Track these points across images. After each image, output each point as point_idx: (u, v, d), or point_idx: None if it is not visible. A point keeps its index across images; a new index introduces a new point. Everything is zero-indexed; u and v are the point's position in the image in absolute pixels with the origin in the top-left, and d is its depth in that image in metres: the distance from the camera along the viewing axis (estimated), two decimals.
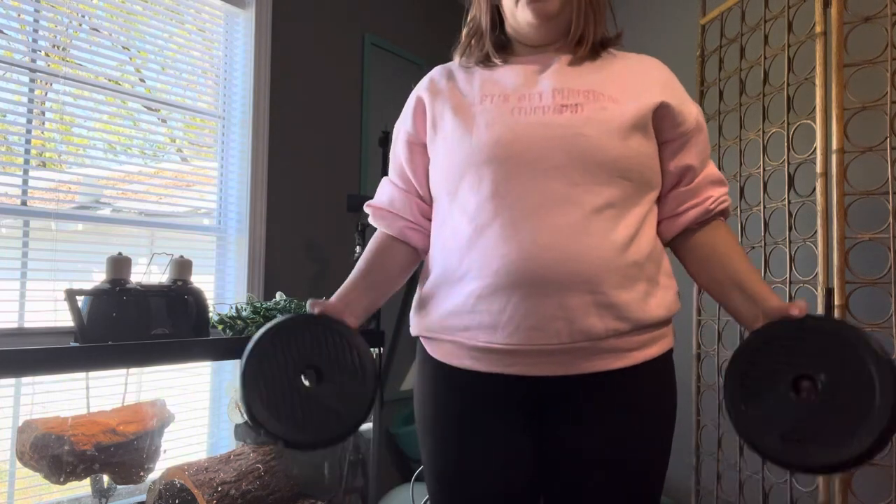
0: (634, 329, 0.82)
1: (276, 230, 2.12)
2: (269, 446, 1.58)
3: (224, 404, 1.85)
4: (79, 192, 1.78)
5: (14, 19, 1.63)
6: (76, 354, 1.14)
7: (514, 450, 0.88)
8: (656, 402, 0.87)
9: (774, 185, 1.78)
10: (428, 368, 0.93)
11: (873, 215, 1.56)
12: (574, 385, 0.84)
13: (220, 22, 2.08)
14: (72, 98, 1.72)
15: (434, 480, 0.92)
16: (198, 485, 1.38)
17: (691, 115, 0.89)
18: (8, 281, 1.58)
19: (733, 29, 1.95)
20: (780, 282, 1.70)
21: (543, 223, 0.80)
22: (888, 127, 1.48)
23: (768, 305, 0.83)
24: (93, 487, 1.39)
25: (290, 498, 1.54)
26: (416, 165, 0.96)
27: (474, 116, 0.87)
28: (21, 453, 1.25)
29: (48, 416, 1.30)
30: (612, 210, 0.82)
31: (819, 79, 1.56)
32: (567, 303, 0.79)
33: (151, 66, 1.91)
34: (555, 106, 0.84)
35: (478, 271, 0.82)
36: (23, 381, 1.54)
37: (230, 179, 2.08)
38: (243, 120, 2.08)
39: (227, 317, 1.51)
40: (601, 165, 0.81)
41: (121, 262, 1.30)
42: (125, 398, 1.46)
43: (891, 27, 1.49)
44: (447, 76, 0.96)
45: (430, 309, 0.91)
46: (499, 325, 0.81)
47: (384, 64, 2.58)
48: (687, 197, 0.91)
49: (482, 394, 0.87)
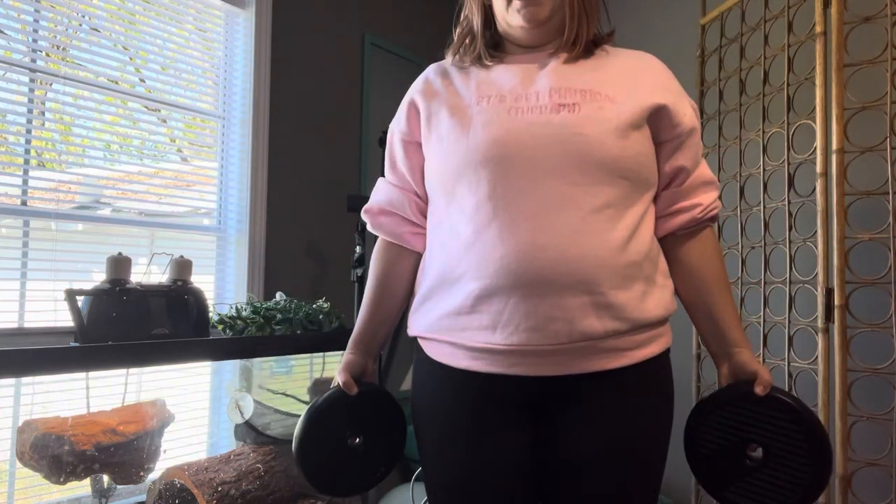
0: (633, 329, 0.82)
1: (276, 230, 2.12)
2: (268, 446, 1.58)
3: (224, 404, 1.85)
4: (79, 192, 1.78)
5: (14, 19, 1.63)
6: (76, 354, 1.14)
7: (513, 449, 0.88)
8: (655, 399, 0.88)
9: (774, 185, 1.78)
10: (426, 369, 0.93)
11: (873, 215, 1.56)
12: (573, 384, 0.84)
13: (220, 22, 2.08)
14: (72, 98, 1.72)
15: (432, 481, 0.92)
16: (198, 485, 1.38)
17: (687, 117, 0.90)
18: (8, 281, 1.58)
19: (733, 29, 1.95)
20: (780, 282, 1.70)
21: (541, 224, 0.80)
22: (888, 127, 1.48)
23: (737, 358, 0.89)
24: (93, 487, 1.39)
25: (290, 498, 1.54)
26: (413, 164, 0.96)
27: (471, 117, 0.86)
28: (21, 453, 1.25)
29: (48, 416, 1.30)
30: (611, 210, 0.82)
31: (819, 79, 1.56)
32: (565, 303, 0.79)
33: (151, 66, 1.91)
34: (552, 105, 0.84)
35: (476, 272, 0.82)
36: (23, 381, 1.54)
37: (230, 179, 2.08)
38: (243, 120, 2.08)
39: (227, 317, 1.51)
40: (599, 165, 0.81)
41: (121, 262, 1.30)
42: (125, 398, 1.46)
43: (891, 27, 1.49)
44: (442, 75, 0.96)
45: (429, 309, 0.91)
46: (497, 325, 0.81)
47: (384, 64, 2.58)
48: (677, 197, 0.91)
49: (481, 394, 0.87)
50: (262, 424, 1.62)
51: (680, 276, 0.93)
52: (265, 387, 1.74)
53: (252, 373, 1.72)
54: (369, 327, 0.99)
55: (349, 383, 0.93)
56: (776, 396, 0.85)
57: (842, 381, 1.46)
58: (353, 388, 0.93)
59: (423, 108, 0.93)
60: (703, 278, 0.92)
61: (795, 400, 0.85)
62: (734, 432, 0.88)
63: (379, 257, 1.00)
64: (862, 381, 1.49)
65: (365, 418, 0.95)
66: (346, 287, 2.26)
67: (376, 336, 1.00)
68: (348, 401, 0.94)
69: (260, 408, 1.63)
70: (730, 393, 0.89)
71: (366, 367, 0.98)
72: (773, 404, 0.85)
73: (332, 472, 0.93)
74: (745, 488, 0.87)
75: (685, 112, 0.90)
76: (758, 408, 0.86)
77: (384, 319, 1.00)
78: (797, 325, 1.64)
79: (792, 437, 0.84)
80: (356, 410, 0.94)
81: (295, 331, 1.53)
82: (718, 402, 0.89)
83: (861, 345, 1.51)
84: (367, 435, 0.96)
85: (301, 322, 1.55)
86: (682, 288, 0.94)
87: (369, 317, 0.99)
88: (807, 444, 0.83)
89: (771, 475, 0.85)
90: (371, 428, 0.96)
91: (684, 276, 0.93)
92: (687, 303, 0.94)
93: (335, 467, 0.93)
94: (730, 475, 0.88)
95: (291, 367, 1.83)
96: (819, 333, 1.52)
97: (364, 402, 0.95)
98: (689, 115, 0.90)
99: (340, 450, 0.93)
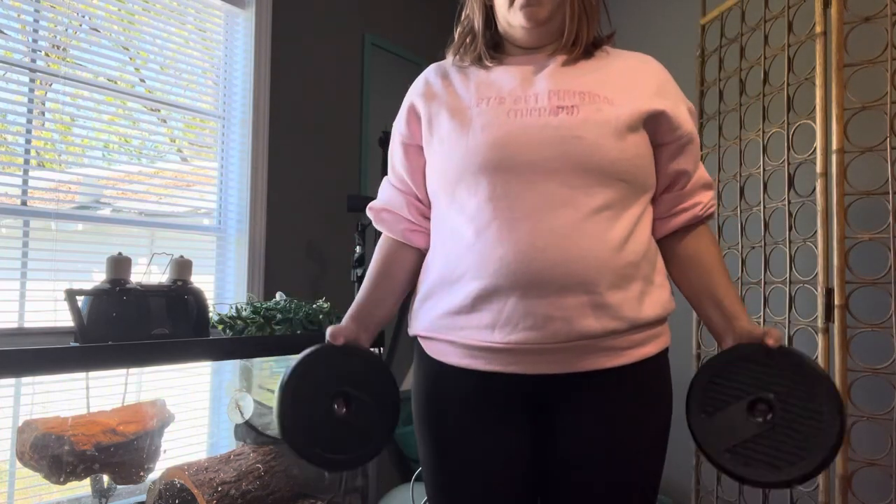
0: (630, 328, 0.83)
1: (276, 230, 2.12)
2: (268, 446, 1.58)
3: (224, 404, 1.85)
4: (79, 192, 1.78)
5: (14, 19, 1.63)
6: (76, 354, 1.14)
7: (513, 448, 0.88)
8: (653, 398, 0.88)
9: (774, 185, 1.78)
10: (426, 367, 0.94)
11: (873, 215, 1.56)
12: (571, 383, 0.84)
13: (220, 22, 2.08)
14: (71, 98, 1.72)
15: (432, 480, 0.93)
16: (198, 485, 1.38)
17: (686, 120, 0.90)
18: (8, 281, 1.58)
19: (733, 29, 1.95)
20: (780, 282, 1.70)
21: (540, 225, 0.80)
22: (888, 127, 1.48)
23: (739, 325, 0.88)
24: (93, 487, 1.39)
25: (290, 498, 1.54)
26: (413, 167, 0.97)
27: (471, 119, 0.87)
28: (21, 453, 1.25)
29: (48, 416, 1.30)
30: (609, 211, 0.82)
31: (819, 79, 1.56)
32: (564, 303, 0.79)
33: (151, 66, 1.91)
34: (551, 107, 0.84)
35: (476, 272, 0.83)
36: (23, 381, 1.54)
37: (230, 179, 2.08)
38: (243, 120, 2.08)
39: (227, 317, 1.51)
40: (598, 167, 0.82)
41: (121, 262, 1.30)
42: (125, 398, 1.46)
43: (891, 27, 1.49)
44: (442, 77, 0.96)
45: (429, 309, 0.91)
46: (497, 324, 0.82)
47: (384, 64, 2.58)
48: (679, 201, 0.93)
49: (480, 392, 0.88)
50: (262, 424, 1.62)
51: (679, 268, 0.94)
52: (265, 387, 1.74)
53: (252, 373, 1.72)
54: (365, 304, 0.97)
55: (336, 333, 0.89)
56: (789, 349, 0.82)
57: (842, 381, 1.46)
58: (338, 339, 0.89)
59: (424, 110, 0.93)
60: (701, 263, 0.93)
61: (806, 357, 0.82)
62: (740, 391, 0.83)
63: (381, 248, 1.01)
64: (862, 381, 1.49)
65: (355, 380, 0.89)
66: (346, 287, 2.26)
67: (372, 314, 0.97)
68: (336, 355, 0.88)
69: (260, 408, 1.63)
70: (738, 351, 0.85)
71: (358, 337, 0.94)
72: (786, 358, 0.81)
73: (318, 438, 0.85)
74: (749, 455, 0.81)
75: (684, 116, 0.90)
76: (770, 361, 0.82)
77: (381, 298, 0.97)
78: (797, 325, 1.64)
79: (805, 393, 0.79)
80: (345, 368, 0.88)
81: (295, 331, 1.53)
82: (728, 358, 0.85)
83: (861, 345, 1.51)
84: (357, 400, 0.88)
85: (301, 322, 1.56)
86: (683, 277, 0.94)
87: (366, 294, 0.97)
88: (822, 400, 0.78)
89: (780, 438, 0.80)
90: (362, 392, 0.89)
91: (684, 266, 0.93)
92: (688, 291, 0.94)
93: (321, 432, 0.85)
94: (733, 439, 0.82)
95: None
96: (819, 333, 1.53)
97: (353, 361, 0.90)
98: (687, 119, 0.91)
99: (328, 412, 0.86)
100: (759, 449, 0.81)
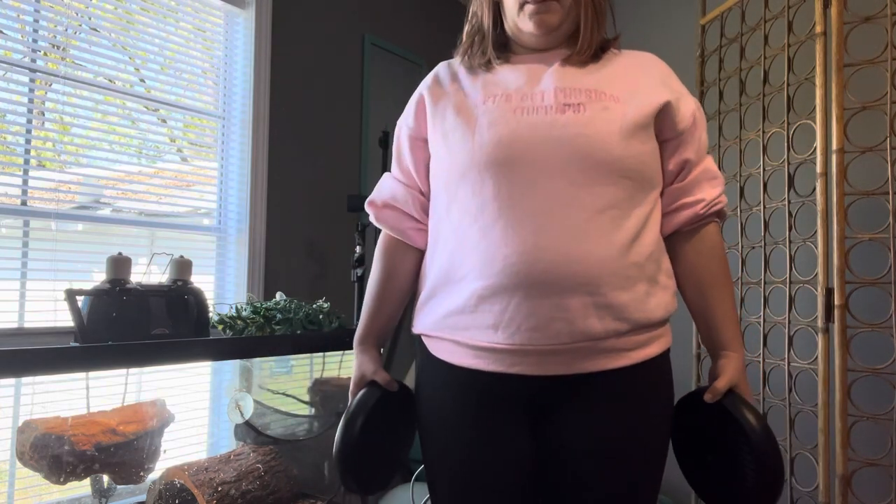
0: (633, 329, 0.83)
1: (276, 230, 2.12)
2: (269, 446, 1.58)
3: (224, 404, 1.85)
4: (79, 192, 1.78)
5: (14, 19, 1.63)
6: (76, 354, 1.14)
7: (515, 448, 0.88)
8: (655, 399, 0.88)
9: (774, 185, 1.78)
10: (429, 367, 0.93)
11: (873, 215, 1.56)
12: (574, 384, 0.84)
13: (219, 22, 2.08)
14: (71, 98, 1.72)
15: (434, 479, 0.93)
16: (198, 485, 1.38)
17: (689, 112, 0.90)
18: (8, 281, 1.57)
19: (733, 29, 1.95)
20: (780, 282, 1.70)
21: (545, 225, 0.80)
22: (888, 127, 1.48)
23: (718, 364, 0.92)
24: (93, 487, 1.39)
25: (290, 498, 1.54)
26: (417, 160, 0.97)
27: (477, 117, 0.87)
28: (21, 453, 1.25)
29: (48, 416, 1.29)
30: (615, 210, 0.82)
31: (819, 79, 1.56)
32: (567, 304, 0.79)
33: (151, 66, 1.91)
34: (557, 105, 0.84)
35: (479, 271, 0.83)
36: (23, 381, 1.54)
37: (230, 179, 2.08)
38: (243, 120, 2.08)
39: (227, 317, 1.50)
40: (603, 165, 0.82)
41: (121, 262, 1.29)
42: (125, 398, 1.46)
43: (891, 27, 1.49)
44: (451, 75, 0.97)
45: (433, 307, 0.91)
46: (500, 325, 0.82)
47: (384, 64, 2.58)
48: (681, 193, 0.91)
49: (483, 392, 0.88)
50: (262, 424, 1.62)
51: (680, 274, 0.94)
52: (265, 387, 1.74)
53: (252, 373, 1.72)
54: (375, 324, 1.01)
55: (392, 382, 0.96)
56: (721, 404, 0.86)
57: (842, 381, 1.46)
58: (393, 385, 0.96)
59: (430, 105, 0.94)
60: (700, 278, 0.92)
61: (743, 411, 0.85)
62: (692, 435, 0.91)
63: (382, 254, 1.01)
64: (862, 381, 1.49)
65: (397, 416, 0.97)
66: (346, 287, 2.26)
67: (382, 332, 1.02)
68: (389, 399, 0.95)
69: (260, 408, 1.63)
70: (687, 397, 0.92)
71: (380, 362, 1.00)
72: (717, 413, 0.86)
73: (373, 473, 0.94)
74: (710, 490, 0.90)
75: (688, 107, 0.90)
76: (706, 413, 0.88)
77: (390, 314, 1.01)
78: (797, 325, 1.64)
79: (736, 446, 0.84)
80: (391, 408, 0.95)
81: (295, 331, 1.53)
82: (678, 405, 0.92)
83: (861, 345, 1.51)
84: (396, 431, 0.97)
85: (301, 322, 1.55)
86: (682, 285, 0.94)
87: (374, 313, 1.00)
88: (750, 456, 0.83)
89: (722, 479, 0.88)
90: (399, 424, 0.97)
91: (684, 274, 0.93)
92: (686, 300, 0.95)
93: (375, 468, 0.94)
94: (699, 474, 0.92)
95: (291, 367, 1.83)
96: (819, 333, 1.52)
97: (397, 399, 0.97)
98: (691, 109, 0.91)
99: (379, 449, 0.94)
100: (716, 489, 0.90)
